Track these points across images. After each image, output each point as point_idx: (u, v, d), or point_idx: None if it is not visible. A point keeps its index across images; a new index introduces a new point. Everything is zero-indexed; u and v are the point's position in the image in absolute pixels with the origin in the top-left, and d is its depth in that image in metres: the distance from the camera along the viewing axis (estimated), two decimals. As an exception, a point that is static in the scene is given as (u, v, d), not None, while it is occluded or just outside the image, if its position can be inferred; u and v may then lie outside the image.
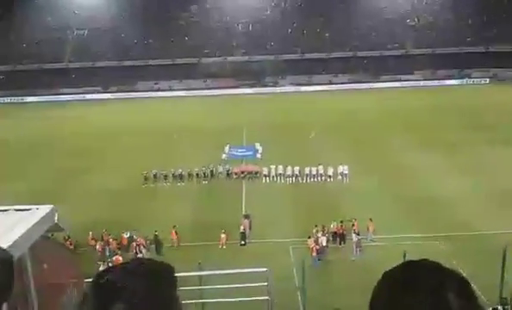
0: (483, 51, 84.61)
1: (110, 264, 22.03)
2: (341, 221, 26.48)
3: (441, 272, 1.43)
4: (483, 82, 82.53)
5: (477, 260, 21.73)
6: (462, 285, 1.41)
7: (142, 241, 25.92)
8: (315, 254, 23.88)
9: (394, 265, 1.55)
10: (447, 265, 1.46)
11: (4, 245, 2.01)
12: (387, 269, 1.48)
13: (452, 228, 26.66)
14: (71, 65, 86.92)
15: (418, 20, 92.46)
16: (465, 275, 1.45)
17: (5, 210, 10.23)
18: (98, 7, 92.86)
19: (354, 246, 24.97)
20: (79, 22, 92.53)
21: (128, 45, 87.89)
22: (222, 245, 26.18)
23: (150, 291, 1.46)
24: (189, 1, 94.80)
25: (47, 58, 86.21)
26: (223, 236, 26.27)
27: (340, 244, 26.09)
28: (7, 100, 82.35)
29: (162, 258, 23.00)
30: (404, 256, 17.46)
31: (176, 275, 1.61)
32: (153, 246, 26.12)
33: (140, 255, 24.71)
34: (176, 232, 26.52)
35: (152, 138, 49.17)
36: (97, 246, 25.54)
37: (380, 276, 1.50)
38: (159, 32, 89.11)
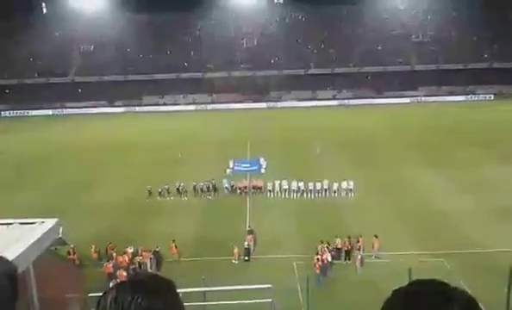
0: (488, 67, 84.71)
1: (114, 280, 21.96)
2: (349, 237, 26.29)
3: (448, 291, 1.45)
4: (487, 98, 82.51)
5: (482, 278, 21.50)
6: (469, 303, 1.43)
7: (147, 255, 25.82)
8: (318, 271, 23.64)
9: (399, 283, 1.56)
10: (452, 283, 1.47)
11: (9, 259, 2.02)
12: (395, 287, 1.50)
13: (457, 246, 26.46)
14: (77, 79, 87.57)
15: (422, 36, 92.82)
16: (470, 293, 1.46)
17: (10, 223, 10.26)
18: (105, 22, 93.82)
19: (358, 264, 24.80)
20: (86, 37, 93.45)
21: (133, 59, 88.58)
22: (237, 259, 26.08)
23: (167, 306, 1.52)
24: (194, 16, 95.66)
25: (54, 72, 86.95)
26: (236, 250, 26.19)
27: (345, 260, 25.91)
28: (13, 113, 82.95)
29: (163, 274, 22.94)
30: (409, 273, 17.32)
31: (179, 290, 1.64)
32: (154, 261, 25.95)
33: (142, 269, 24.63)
34: (176, 247, 26.43)
35: (157, 152, 49.27)
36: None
37: (386, 294, 1.52)
38: (165, 46, 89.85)
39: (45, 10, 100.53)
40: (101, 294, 1.58)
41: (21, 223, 9.72)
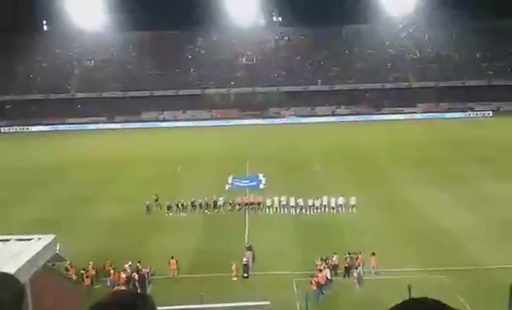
0: (487, 84, 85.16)
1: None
2: (349, 253, 26.12)
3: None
4: (486, 115, 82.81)
5: (482, 295, 21.37)
6: None
7: (145, 271, 25.61)
8: (315, 288, 23.39)
9: (398, 300, 1.53)
10: (452, 300, 1.44)
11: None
12: (389, 307, 1.46)
13: (457, 262, 26.30)
14: (77, 95, 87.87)
15: (420, 53, 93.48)
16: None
17: (7, 240, 10.19)
18: (104, 39, 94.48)
19: (356, 280, 24.62)
20: (86, 53, 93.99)
21: (133, 76, 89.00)
22: (236, 275, 25.84)
23: None
24: (194, 33, 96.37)
25: (54, 88, 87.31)
26: (235, 266, 25.97)
27: (345, 277, 25.71)
28: (13, 129, 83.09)
29: (162, 291, 22.71)
30: (409, 290, 17.23)
31: (177, 307, 1.63)
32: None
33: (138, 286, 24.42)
34: (176, 262, 26.21)
35: (156, 168, 49.24)
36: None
37: (384, 311, 1.49)
38: (165, 63, 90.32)
39: (45, 28, 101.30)
40: None
41: (18, 239, 9.65)
